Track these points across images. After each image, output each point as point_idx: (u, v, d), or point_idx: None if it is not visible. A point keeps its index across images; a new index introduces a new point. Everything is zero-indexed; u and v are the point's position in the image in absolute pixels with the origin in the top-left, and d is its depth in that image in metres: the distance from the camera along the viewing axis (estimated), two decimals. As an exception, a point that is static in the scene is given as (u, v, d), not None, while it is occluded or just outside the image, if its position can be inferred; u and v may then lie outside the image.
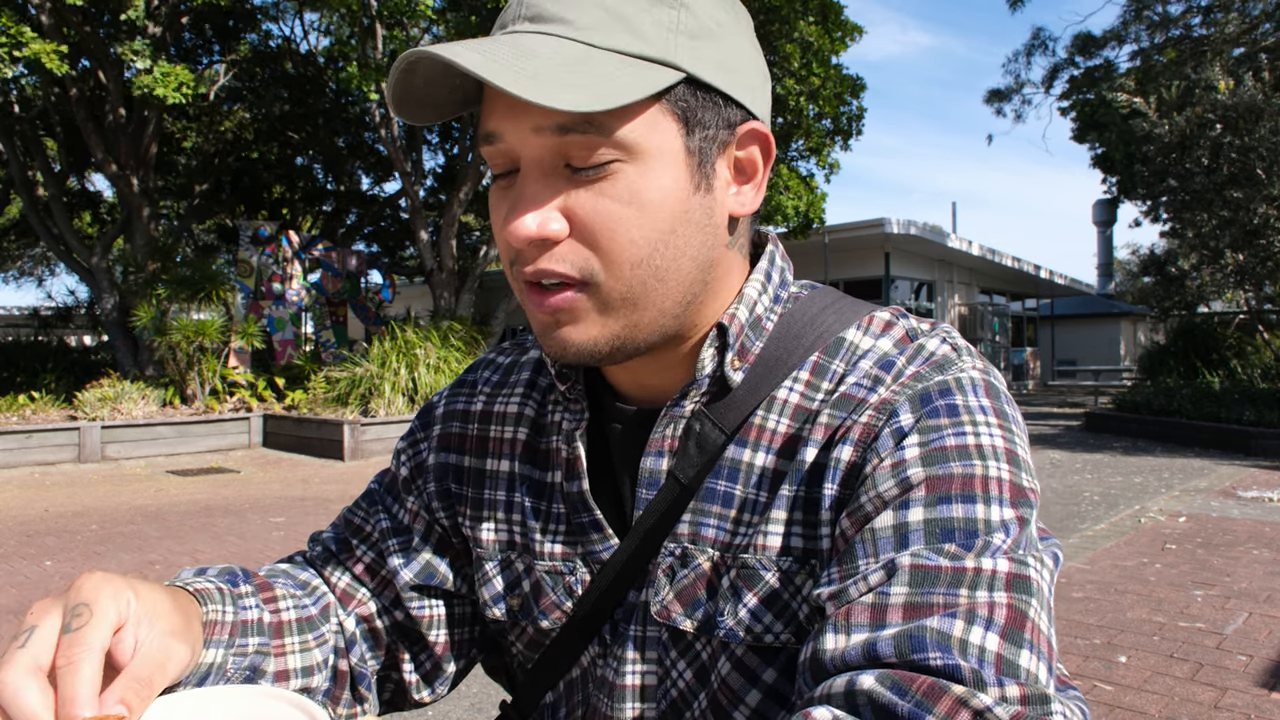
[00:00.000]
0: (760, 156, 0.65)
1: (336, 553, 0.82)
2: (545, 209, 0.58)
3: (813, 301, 0.70)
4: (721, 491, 0.65)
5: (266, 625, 0.71)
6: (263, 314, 13.54)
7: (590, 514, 0.69)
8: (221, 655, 0.65)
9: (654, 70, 0.57)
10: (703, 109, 0.60)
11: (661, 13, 0.58)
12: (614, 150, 0.57)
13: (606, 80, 0.55)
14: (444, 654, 0.80)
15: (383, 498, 0.83)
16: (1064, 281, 24.03)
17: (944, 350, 0.64)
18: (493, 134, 0.59)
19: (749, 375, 0.66)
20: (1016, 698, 0.45)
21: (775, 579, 0.62)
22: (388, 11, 10.97)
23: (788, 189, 14.14)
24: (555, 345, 0.62)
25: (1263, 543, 5.17)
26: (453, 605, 0.80)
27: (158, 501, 7.08)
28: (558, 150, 0.57)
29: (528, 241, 0.58)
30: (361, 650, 0.78)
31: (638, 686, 0.67)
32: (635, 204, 0.58)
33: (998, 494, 0.55)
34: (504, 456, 0.77)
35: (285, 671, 0.71)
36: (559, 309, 0.60)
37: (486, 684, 3.14)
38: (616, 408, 0.71)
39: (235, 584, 0.72)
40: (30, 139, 13.29)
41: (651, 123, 0.58)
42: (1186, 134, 10.88)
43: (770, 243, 0.72)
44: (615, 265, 0.59)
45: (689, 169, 0.60)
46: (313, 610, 0.76)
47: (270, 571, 0.79)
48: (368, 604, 0.79)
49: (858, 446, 0.60)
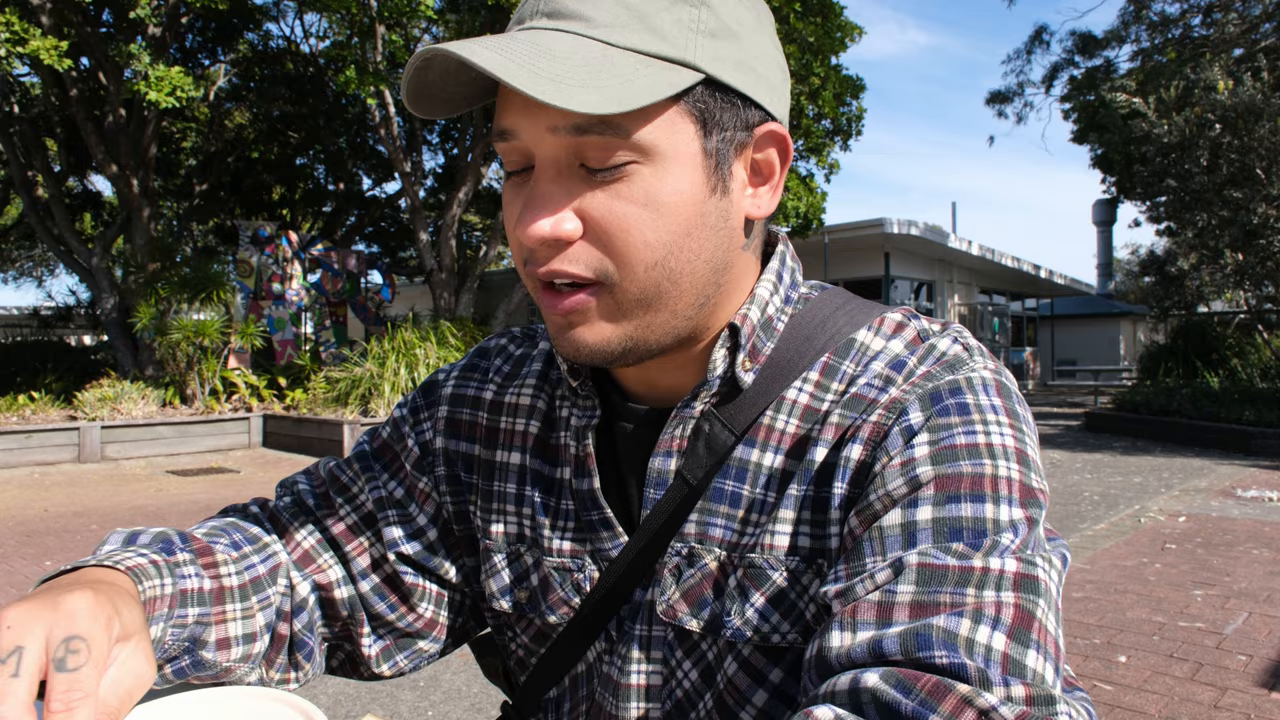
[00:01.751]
0: (778, 159, 0.64)
1: (314, 508, 0.79)
2: (559, 209, 0.57)
3: (824, 303, 0.70)
4: (729, 492, 0.65)
5: (207, 593, 0.67)
6: (263, 314, 13.54)
7: (600, 512, 0.69)
8: (160, 629, 0.62)
9: (673, 71, 0.56)
10: (721, 110, 0.59)
11: (682, 11, 0.57)
12: (631, 152, 0.56)
13: (625, 81, 0.54)
14: (423, 629, 0.78)
15: (373, 464, 0.80)
16: (1064, 281, 24.03)
17: (955, 350, 0.64)
18: (508, 131, 0.59)
19: (759, 376, 0.66)
20: (1022, 697, 0.45)
21: (782, 579, 0.62)
22: (388, 12, 10.97)
23: (788, 189, 14.15)
24: (569, 346, 0.62)
25: (1262, 542, 5.17)
26: (444, 589, 0.79)
27: (158, 501, 7.08)
28: (573, 150, 0.57)
29: (541, 242, 0.58)
30: (311, 618, 0.75)
31: (643, 686, 0.67)
32: (651, 206, 0.57)
33: (1007, 494, 0.55)
34: (515, 449, 0.76)
35: (226, 639, 0.68)
36: (571, 310, 0.60)
37: (486, 684, 3.14)
38: (626, 407, 0.70)
39: (171, 551, 0.68)
40: (30, 139, 13.29)
41: (669, 124, 0.57)
42: (1186, 134, 10.89)
43: (781, 242, 0.72)
44: (629, 267, 0.58)
45: (706, 171, 0.59)
46: (260, 569, 0.73)
47: (212, 530, 0.75)
48: (330, 569, 0.76)
49: (867, 445, 0.60)
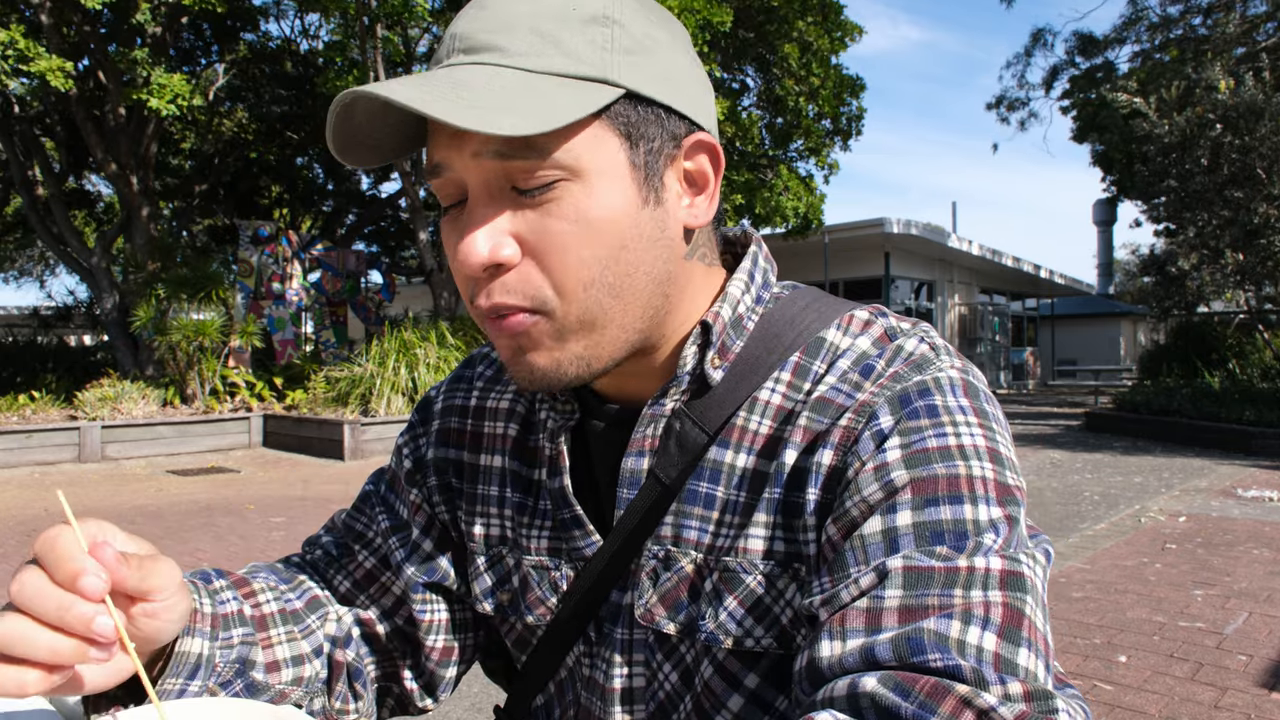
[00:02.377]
0: (710, 167, 0.65)
1: (338, 557, 0.81)
2: (495, 232, 0.58)
3: (792, 302, 0.70)
4: (704, 493, 0.65)
5: (248, 618, 0.70)
6: (263, 314, 13.54)
7: (571, 510, 0.70)
8: (207, 648, 0.64)
9: (592, 89, 0.57)
10: (645, 123, 0.60)
11: (595, 32, 0.58)
12: (557, 170, 0.57)
13: (545, 103, 0.55)
14: (441, 659, 0.79)
15: (383, 498, 0.82)
16: (1064, 281, 24.04)
17: (922, 350, 0.64)
18: (439, 165, 0.59)
19: (729, 374, 0.66)
20: (1020, 695, 0.45)
21: (757, 583, 0.62)
22: (385, 12, 10.98)
23: (787, 189, 14.13)
24: (521, 371, 0.62)
25: (1263, 542, 5.17)
26: (454, 609, 0.80)
27: (158, 501, 7.08)
28: (502, 174, 0.57)
29: (481, 267, 0.58)
30: (360, 649, 0.78)
31: (626, 689, 0.68)
32: (583, 222, 0.57)
33: (984, 493, 0.55)
34: (496, 452, 0.77)
35: (275, 662, 0.70)
36: (516, 331, 0.60)
37: (486, 684, 3.14)
38: (600, 408, 0.71)
39: (209, 580, 0.71)
40: (30, 139, 13.28)
41: (593, 140, 0.57)
42: (1186, 134, 10.89)
43: (754, 243, 0.72)
44: (569, 288, 0.58)
45: (636, 184, 0.60)
46: (297, 604, 0.75)
47: (249, 570, 0.79)
48: (369, 610, 0.79)
49: (838, 450, 0.59)
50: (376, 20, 11.33)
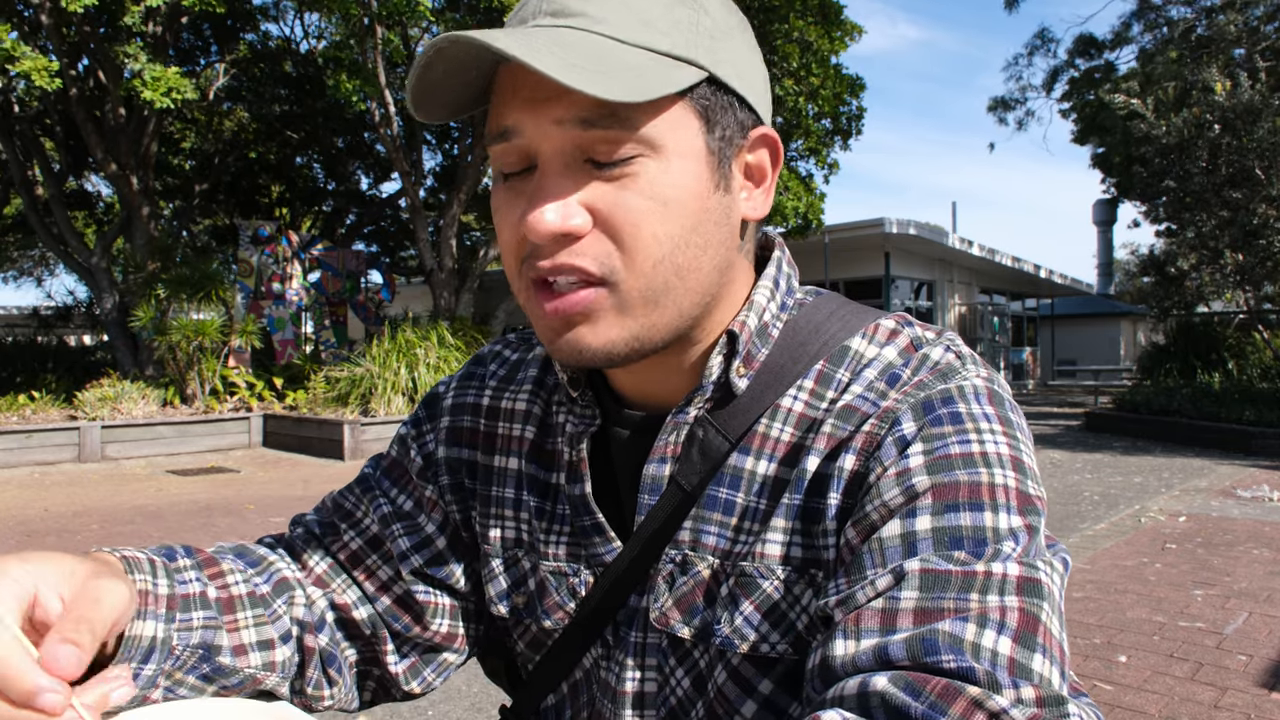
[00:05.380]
0: (769, 162, 0.65)
1: (320, 535, 0.79)
2: (568, 203, 0.56)
3: (817, 309, 0.69)
4: (723, 499, 0.64)
5: (212, 600, 0.67)
6: (263, 314, 13.54)
7: (592, 517, 0.69)
8: (163, 630, 0.62)
9: (679, 68, 0.57)
10: (721, 109, 0.60)
11: (681, 12, 0.58)
12: (638, 145, 0.56)
13: (637, 74, 0.54)
14: (442, 643, 0.78)
15: (380, 483, 0.80)
16: (1064, 281, 24.03)
17: (948, 358, 0.64)
18: (509, 129, 0.57)
19: (753, 382, 0.66)
20: (1032, 699, 0.45)
21: (773, 588, 0.61)
22: (386, 12, 10.97)
23: (787, 189, 14.13)
24: (568, 348, 0.60)
25: (1262, 542, 5.18)
26: (457, 598, 0.79)
27: (158, 501, 7.08)
28: (580, 144, 0.56)
29: (550, 236, 0.56)
30: (333, 635, 0.75)
31: (638, 693, 0.67)
32: (659, 199, 0.57)
33: (1005, 502, 0.55)
34: (512, 454, 0.76)
35: (242, 646, 0.68)
36: (573, 310, 0.58)
37: (486, 684, 3.14)
38: (621, 413, 0.70)
39: (172, 557, 0.68)
40: (30, 139, 13.28)
41: (675, 119, 0.57)
42: (1185, 135, 10.90)
43: (777, 248, 0.72)
44: (638, 262, 0.57)
45: (710, 167, 0.59)
46: (264, 588, 0.73)
47: (218, 549, 0.75)
48: (345, 592, 0.76)
49: (860, 455, 0.59)
50: (377, 20, 11.33)
